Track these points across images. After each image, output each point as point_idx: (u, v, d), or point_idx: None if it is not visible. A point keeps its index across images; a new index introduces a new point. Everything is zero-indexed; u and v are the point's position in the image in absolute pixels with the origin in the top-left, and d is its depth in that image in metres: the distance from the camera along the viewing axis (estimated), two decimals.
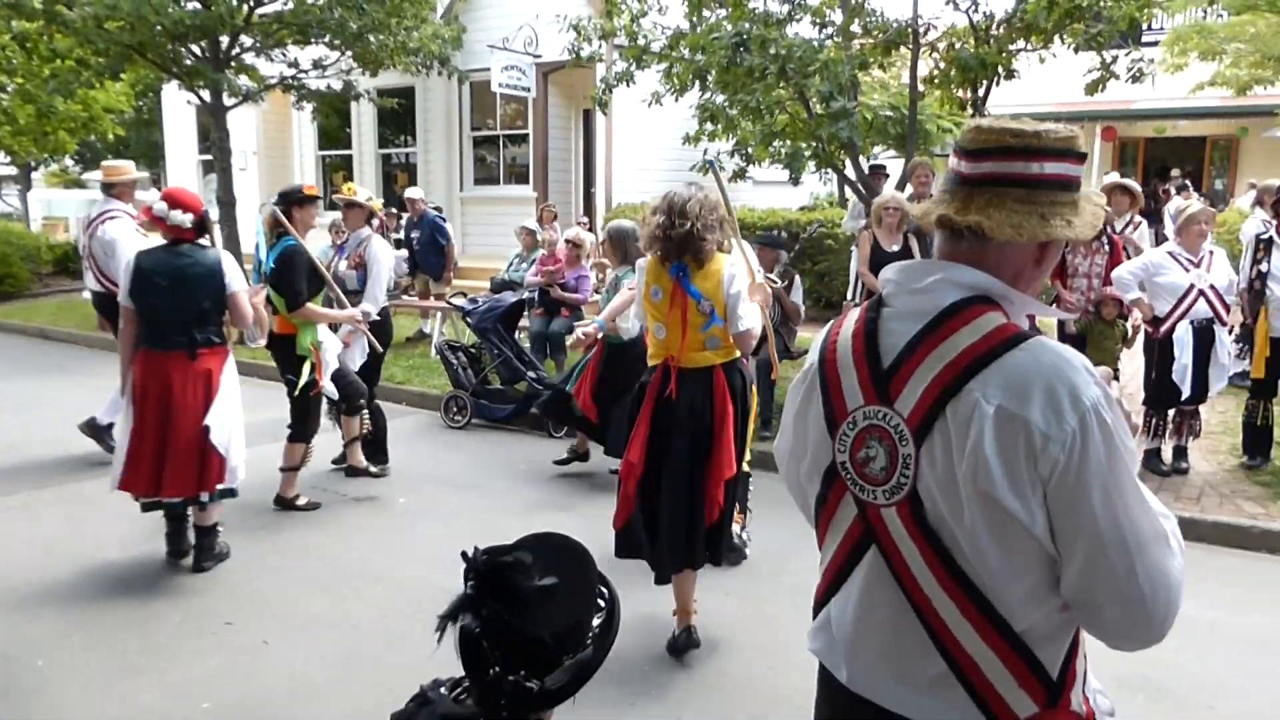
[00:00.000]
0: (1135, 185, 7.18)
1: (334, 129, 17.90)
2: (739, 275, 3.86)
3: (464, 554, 1.50)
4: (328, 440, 6.66)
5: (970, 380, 1.42)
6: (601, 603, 1.58)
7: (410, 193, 11.63)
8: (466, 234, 15.91)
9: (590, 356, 6.37)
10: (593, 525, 5.72)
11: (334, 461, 6.63)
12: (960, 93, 8.67)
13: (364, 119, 16.99)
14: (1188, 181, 16.94)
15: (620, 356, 6.06)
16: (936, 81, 8.57)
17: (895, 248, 7.26)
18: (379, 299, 6.22)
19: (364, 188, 6.76)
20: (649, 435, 3.87)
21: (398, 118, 17.20)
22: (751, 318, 3.85)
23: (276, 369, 5.99)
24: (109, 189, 7.05)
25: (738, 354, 3.96)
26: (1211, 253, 6.19)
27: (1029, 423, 1.38)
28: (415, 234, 11.24)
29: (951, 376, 1.44)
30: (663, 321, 3.88)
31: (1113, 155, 20.53)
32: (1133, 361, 7.52)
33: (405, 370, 9.51)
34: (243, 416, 4.96)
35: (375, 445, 6.39)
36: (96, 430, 6.89)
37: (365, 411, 6.21)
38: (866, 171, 9.05)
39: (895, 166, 14.43)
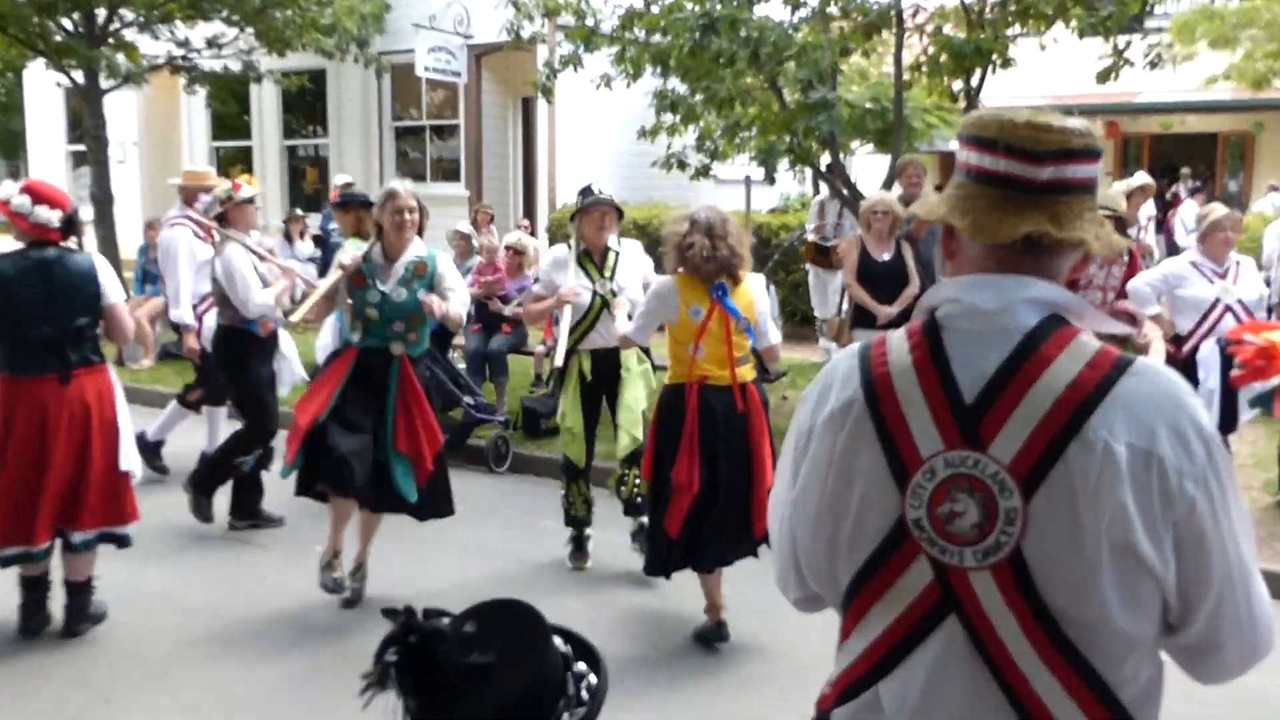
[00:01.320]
0: (1149, 178, 7.31)
1: (231, 116, 17.70)
2: (764, 291, 4.73)
3: (385, 611, 1.51)
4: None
5: (1090, 416, 1.43)
6: (572, 682, 1.57)
7: (339, 179, 11.50)
8: None
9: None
10: (540, 575, 5.69)
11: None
12: (950, 83, 8.83)
13: (266, 105, 16.85)
14: (1200, 183, 17.39)
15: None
16: (924, 70, 8.73)
17: (886, 256, 7.35)
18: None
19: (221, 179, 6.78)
20: (695, 454, 4.51)
21: (306, 104, 17.07)
22: (776, 332, 4.86)
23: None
24: None
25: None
26: (1239, 263, 6.28)
27: (1163, 460, 1.41)
28: (336, 227, 11.04)
29: (1067, 415, 1.44)
30: (700, 340, 4.54)
31: (1115, 153, 21.07)
32: None
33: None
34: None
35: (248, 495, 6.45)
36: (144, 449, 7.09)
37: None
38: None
39: (874, 164, 14.66)
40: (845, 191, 8.79)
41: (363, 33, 13.82)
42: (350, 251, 5.11)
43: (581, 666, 1.64)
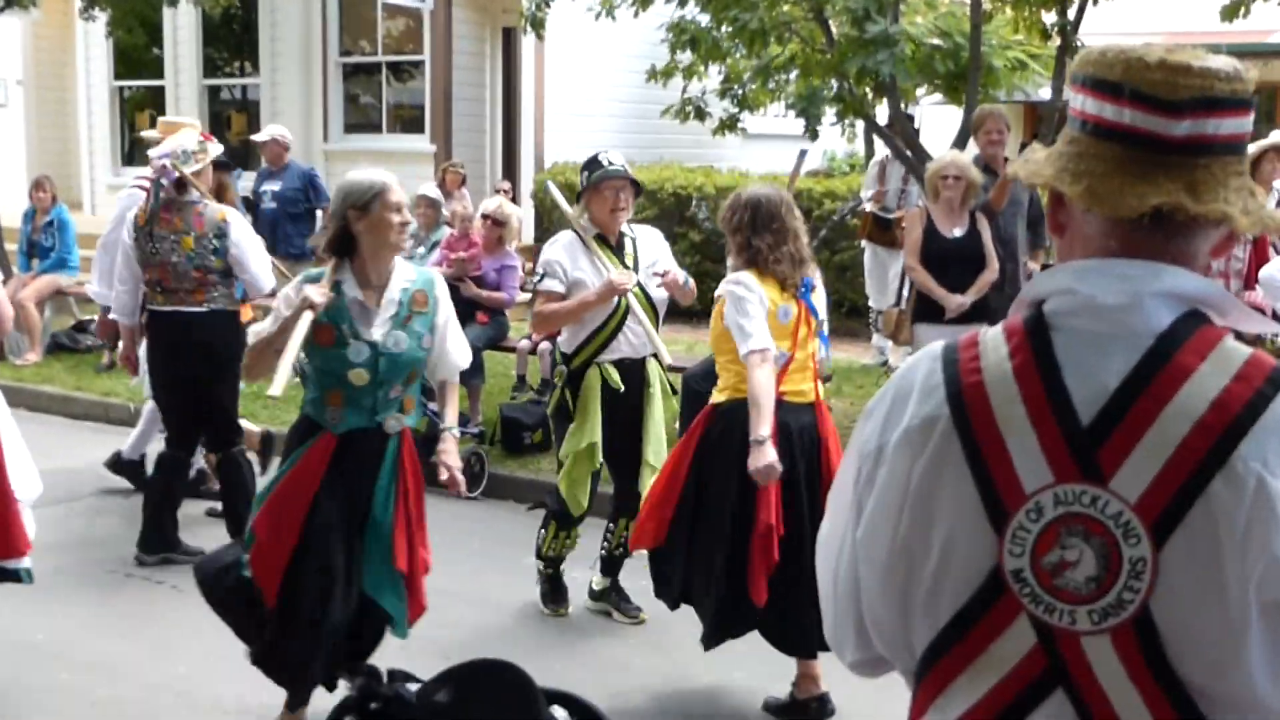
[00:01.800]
0: None
1: (138, 50, 17.69)
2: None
3: (344, 669, 1.53)
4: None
5: (1239, 444, 1.42)
6: None
7: (271, 131, 11.52)
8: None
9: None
10: (524, 624, 5.69)
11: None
12: (1041, 14, 8.82)
13: (182, 36, 16.83)
14: None
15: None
16: None
17: (958, 232, 7.34)
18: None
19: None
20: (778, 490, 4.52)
21: (232, 35, 17.05)
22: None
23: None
24: None
25: None
26: None
27: None
28: (272, 189, 11.10)
29: (1209, 444, 1.43)
30: (788, 348, 4.64)
31: None
32: None
33: (251, 401, 9.37)
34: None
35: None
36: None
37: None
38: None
39: (942, 117, 14.65)
40: (908, 152, 8.78)
41: None
42: (314, 287, 4.17)
43: None
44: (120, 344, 6.80)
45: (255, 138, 11.71)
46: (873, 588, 1.65)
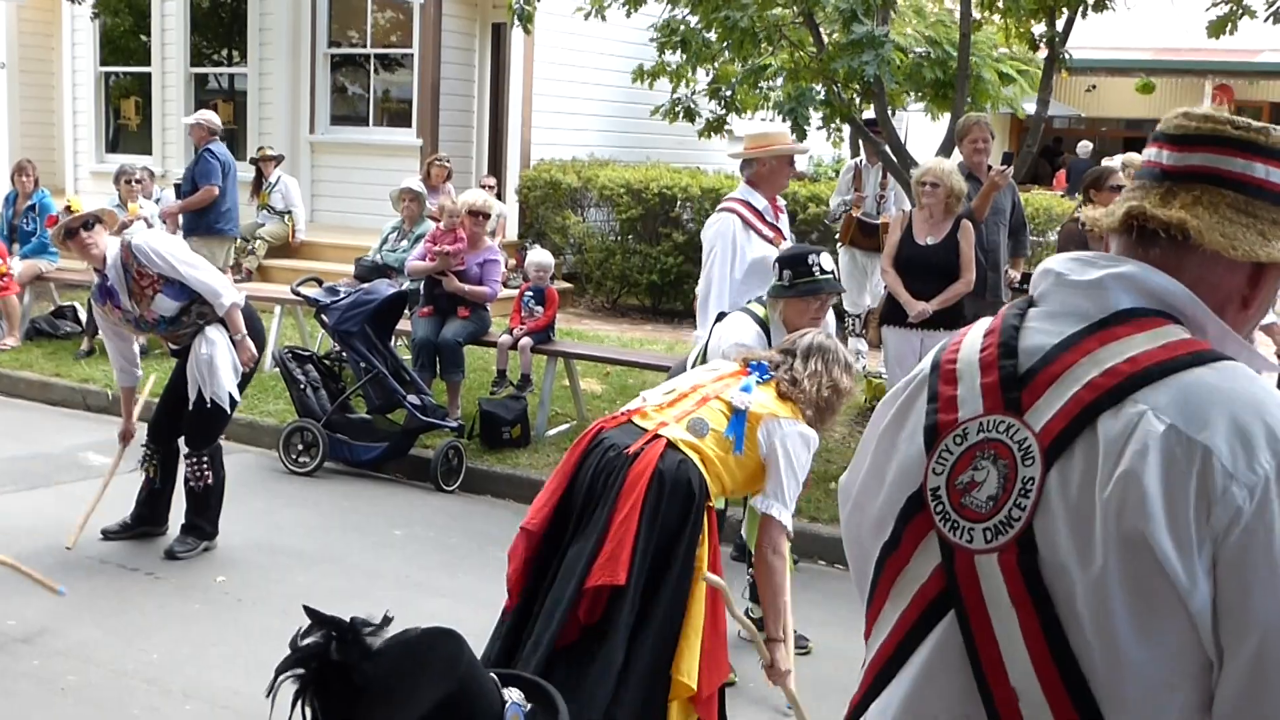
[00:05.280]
0: None
1: (124, 35, 17.58)
2: None
3: (311, 612, 1.69)
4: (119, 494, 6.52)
5: (1137, 391, 1.50)
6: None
7: (203, 115, 11.65)
8: (318, 195, 15.74)
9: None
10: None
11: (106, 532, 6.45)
12: (1031, 24, 8.85)
13: (170, 23, 16.72)
14: None
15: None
16: (999, 7, 8.73)
17: (931, 240, 7.28)
18: (225, 284, 6.22)
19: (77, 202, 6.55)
20: None
21: (220, 24, 16.95)
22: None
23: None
24: None
25: None
26: None
27: (1210, 451, 1.43)
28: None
29: (1111, 384, 1.51)
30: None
31: None
32: None
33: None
34: None
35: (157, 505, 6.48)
36: None
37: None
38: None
39: (928, 128, 14.67)
40: (894, 156, 8.80)
41: None
42: None
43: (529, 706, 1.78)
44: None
45: (199, 116, 11.80)
46: (850, 518, 1.85)
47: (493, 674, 1.76)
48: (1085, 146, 21.04)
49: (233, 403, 6.32)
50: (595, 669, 3.63)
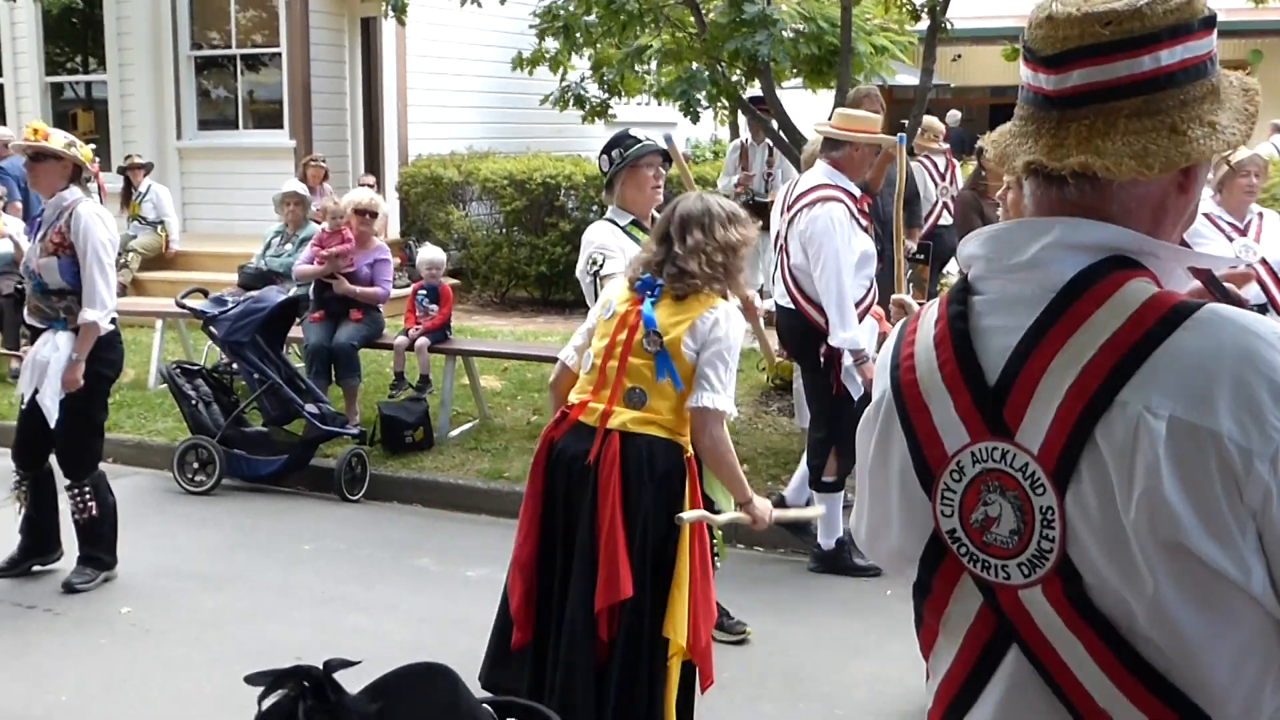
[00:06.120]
0: None
1: None
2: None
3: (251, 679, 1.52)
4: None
5: (1123, 386, 1.41)
6: None
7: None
8: (190, 203, 15.46)
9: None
10: (420, 629, 5.55)
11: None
12: None
13: (21, 30, 16.34)
14: None
15: None
16: None
17: None
18: (107, 301, 5.92)
19: (57, 130, 6.29)
20: None
21: (75, 30, 16.61)
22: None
23: None
24: None
25: None
26: (1261, 215, 6.51)
27: (1218, 436, 1.36)
28: None
29: (1095, 384, 1.42)
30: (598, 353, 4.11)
31: None
32: None
33: (112, 407, 9.05)
34: None
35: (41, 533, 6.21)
36: None
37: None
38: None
39: (804, 103, 14.78)
40: (782, 133, 8.81)
41: None
42: None
43: None
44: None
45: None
46: (879, 557, 1.78)
47: (485, 705, 1.64)
48: (954, 115, 21.49)
49: (99, 424, 6.13)
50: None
